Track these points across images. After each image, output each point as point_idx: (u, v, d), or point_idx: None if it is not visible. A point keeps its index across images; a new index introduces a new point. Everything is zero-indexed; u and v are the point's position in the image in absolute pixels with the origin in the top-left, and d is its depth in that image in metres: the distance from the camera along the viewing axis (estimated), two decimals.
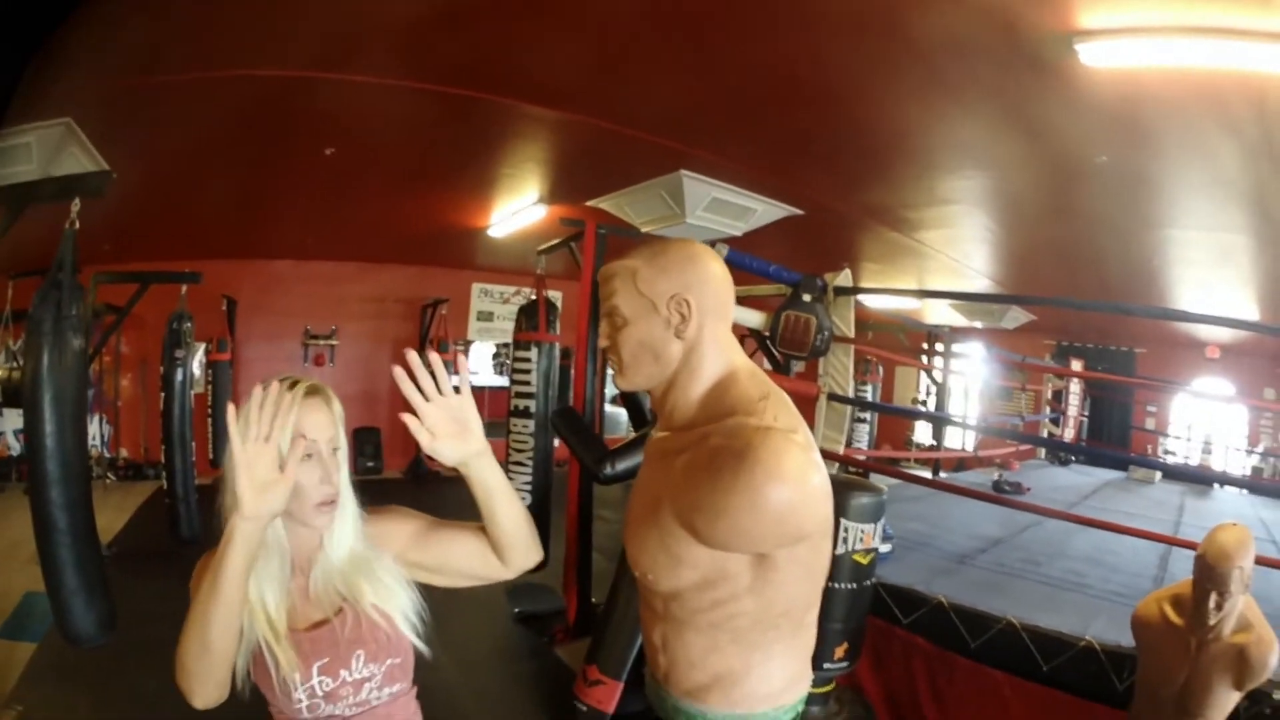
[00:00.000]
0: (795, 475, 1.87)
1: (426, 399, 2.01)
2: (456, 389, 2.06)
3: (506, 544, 2.22)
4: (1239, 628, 3.22)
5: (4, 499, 12.18)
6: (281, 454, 1.95)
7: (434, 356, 2.02)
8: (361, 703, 2.16)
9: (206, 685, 1.93)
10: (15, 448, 13.33)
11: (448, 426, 2.04)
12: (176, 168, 8.43)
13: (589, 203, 8.48)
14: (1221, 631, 3.21)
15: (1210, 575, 3.14)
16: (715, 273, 2.21)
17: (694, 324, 2.15)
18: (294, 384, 2.08)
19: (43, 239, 5.77)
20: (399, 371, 1.98)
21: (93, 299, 5.63)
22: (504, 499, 2.16)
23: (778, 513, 1.88)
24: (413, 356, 1.99)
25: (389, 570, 2.24)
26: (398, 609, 2.21)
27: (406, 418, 1.98)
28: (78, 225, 5.04)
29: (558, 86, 6.28)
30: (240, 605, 1.92)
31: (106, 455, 14.14)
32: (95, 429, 13.48)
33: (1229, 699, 3.25)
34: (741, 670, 2.19)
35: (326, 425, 2.13)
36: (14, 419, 12.92)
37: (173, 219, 10.96)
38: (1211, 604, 3.15)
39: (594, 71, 5.94)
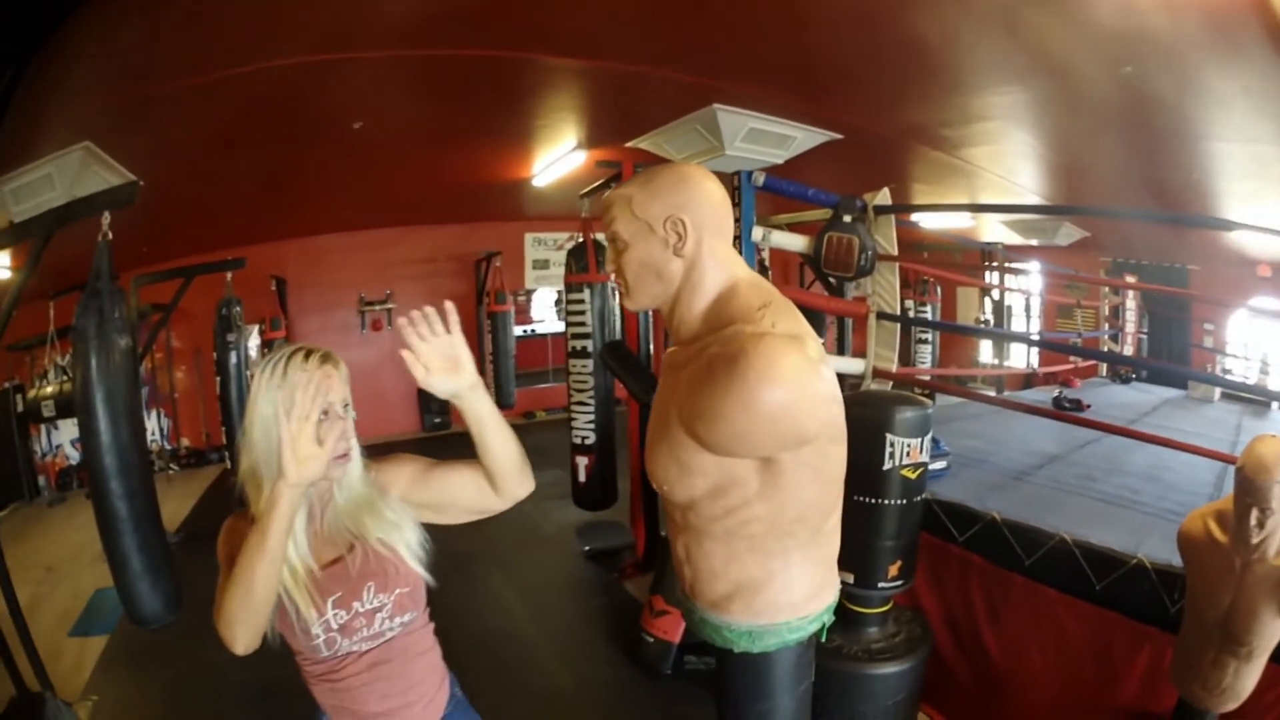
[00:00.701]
0: (789, 377, 1.93)
1: (423, 339, 2.14)
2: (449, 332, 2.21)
3: (499, 473, 2.34)
4: None
5: (67, 506, 12.62)
6: (319, 429, 2.17)
7: (428, 309, 2.16)
8: (375, 634, 2.31)
9: (249, 632, 2.12)
10: (74, 457, 13.68)
11: (441, 363, 2.19)
12: (203, 163, 8.58)
13: (627, 144, 8.47)
14: (1266, 552, 3.09)
15: (1250, 489, 3.03)
16: (709, 190, 2.29)
17: (691, 241, 2.24)
18: (308, 354, 2.26)
19: (79, 256, 5.86)
20: (401, 320, 2.15)
21: (135, 301, 5.73)
22: (495, 429, 2.29)
23: (771, 414, 1.94)
24: (414, 312, 2.17)
25: (393, 508, 2.39)
26: (402, 541, 2.37)
27: (404, 353, 2.12)
28: (110, 236, 5.12)
29: (580, 35, 6.26)
30: (282, 560, 2.11)
31: (167, 447, 14.53)
32: (154, 424, 13.94)
33: (1275, 627, 3.14)
34: (762, 578, 2.29)
35: (338, 387, 2.31)
36: (69, 430, 13.30)
37: (207, 212, 11.18)
38: (1253, 521, 3.04)
39: (615, 16, 5.90)
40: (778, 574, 2.30)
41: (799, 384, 1.96)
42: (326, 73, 6.41)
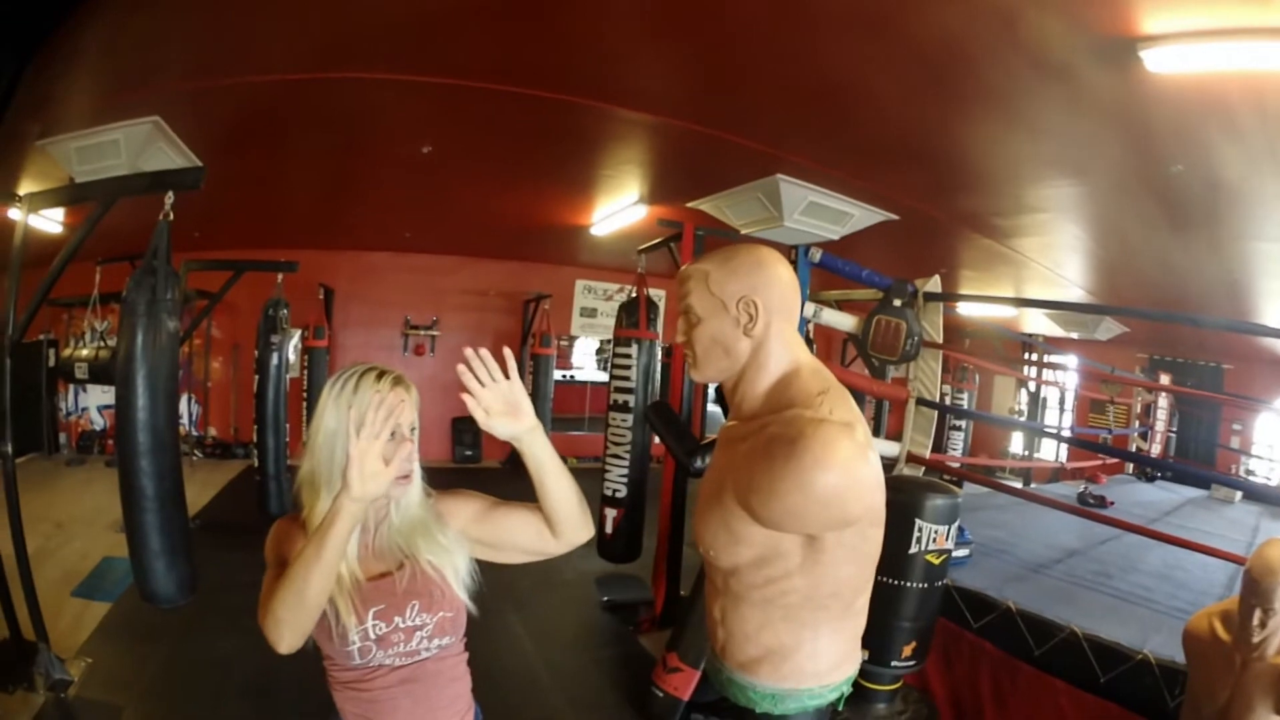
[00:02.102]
0: (842, 463, 2.05)
1: (482, 384, 2.24)
2: (507, 376, 2.28)
3: (557, 517, 2.44)
4: None
5: (86, 469, 12.84)
6: (385, 450, 2.18)
7: (483, 351, 2.25)
8: (411, 652, 2.38)
9: (295, 634, 2.15)
10: (98, 422, 14.09)
11: (500, 406, 2.27)
12: (267, 161, 8.75)
13: (689, 204, 8.58)
14: (1266, 651, 3.10)
15: (1255, 590, 3.06)
16: (781, 276, 2.42)
17: (761, 323, 2.36)
18: (380, 375, 2.33)
19: (130, 227, 6.01)
20: (460, 367, 2.23)
21: (183, 284, 5.85)
22: (554, 472, 2.38)
23: (824, 497, 2.06)
24: (469, 352, 2.25)
25: (447, 534, 2.47)
26: (451, 567, 2.43)
27: (465, 397, 2.21)
28: (172, 216, 5.21)
29: (653, 91, 6.40)
30: (335, 569, 2.15)
31: (194, 434, 14.70)
32: (184, 408, 14.03)
33: None
34: (792, 645, 2.40)
35: (408, 412, 2.35)
36: (97, 395, 13.73)
37: (265, 210, 11.41)
38: (1255, 620, 3.06)
39: (688, 77, 6.05)
40: (806, 643, 2.41)
41: (850, 470, 2.07)
42: (402, 91, 6.54)
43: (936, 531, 4.86)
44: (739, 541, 2.32)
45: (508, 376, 2.28)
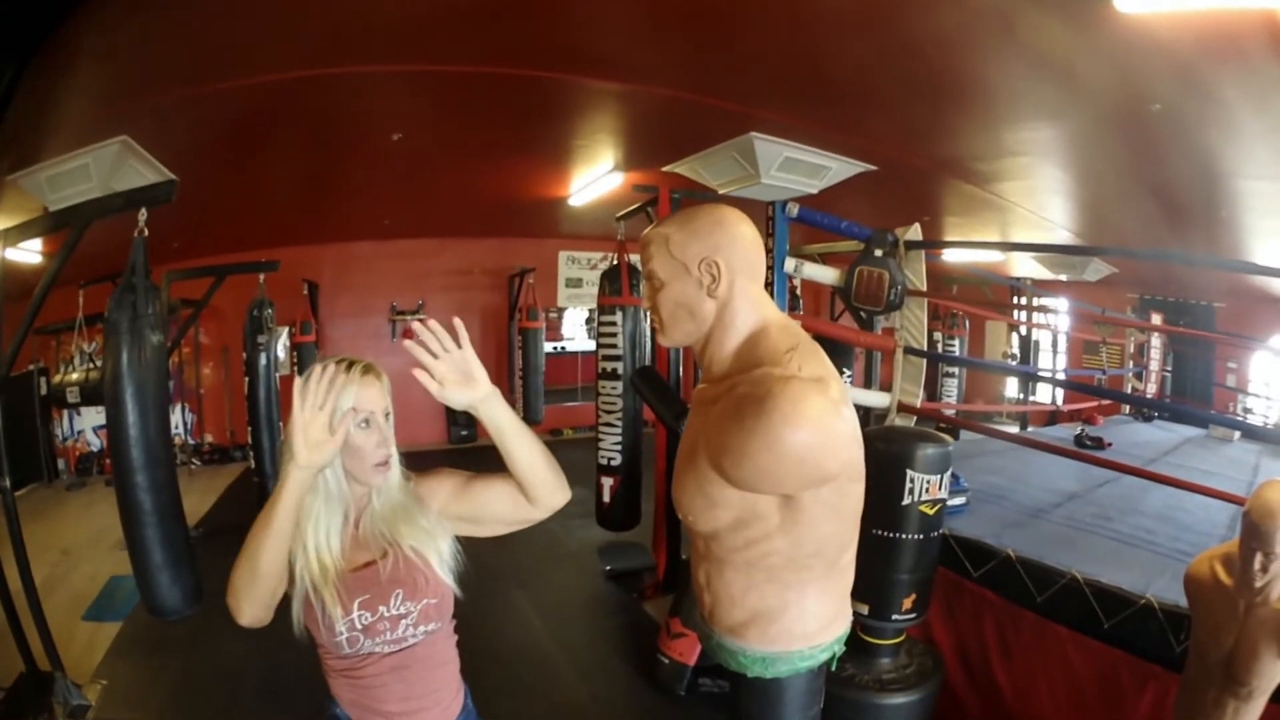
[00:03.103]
0: (813, 420, 2.02)
1: (435, 356, 2.22)
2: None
3: (529, 482, 2.41)
4: None
5: (85, 493, 12.79)
6: (332, 420, 2.23)
7: (432, 323, 2.24)
8: (398, 639, 2.37)
9: (254, 605, 2.22)
10: (95, 444, 13.98)
11: (454, 377, 2.26)
12: (240, 163, 8.74)
13: (664, 168, 8.55)
14: (1270, 595, 3.09)
15: (1255, 533, 3.03)
16: (743, 234, 2.39)
17: (724, 283, 2.34)
18: (350, 365, 2.33)
19: (111, 247, 5.96)
20: (408, 342, 2.21)
21: (166, 296, 5.81)
22: (517, 437, 2.36)
23: (796, 454, 2.03)
24: (416, 325, 2.25)
25: (429, 518, 2.46)
26: (435, 552, 2.43)
27: (417, 372, 2.19)
28: (146, 232, 5.21)
29: (621, 60, 6.36)
30: (288, 539, 2.21)
31: (191, 442, 14.73)
32: (178, 417, 14.03)
33: (1276, 668, 3.12)
34: (778, 608, 2.38)
35: (379, 398, 2.38)
36: (92, 417, 13.57)
37: (242, 212, 11.42)
38: (1257, 564, 3.04)
39: (656, 42, 6.00)
40: (793, 604, 2.39)
41: (822, 427, 2.05)
42: (367, 83, 6.55)
43: (929, 481, 4.78)
44: (715, 505, 2.29)
45: (459, 345, 2.26)
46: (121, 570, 7.71)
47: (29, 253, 8.02)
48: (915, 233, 6.89)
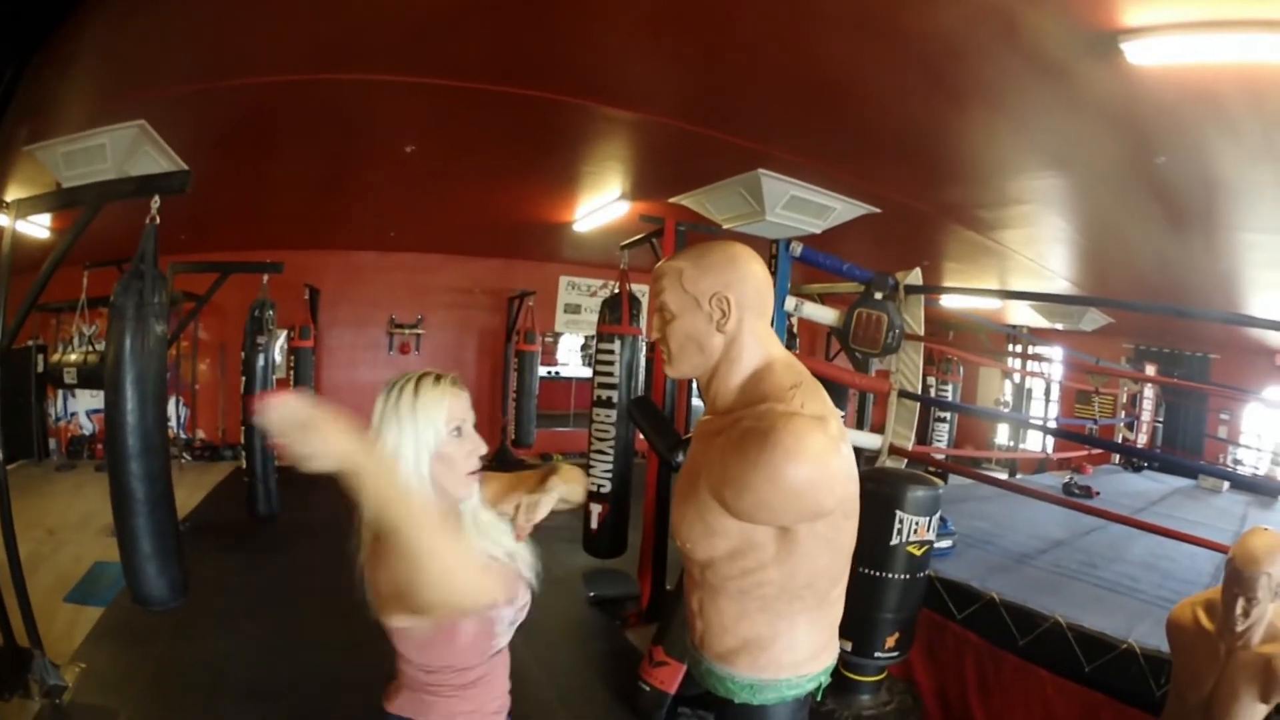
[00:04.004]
0: (814, 456, 2.09)
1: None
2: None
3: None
4: (1267, 637, 3.17)
5: (76, 474, 12.80)
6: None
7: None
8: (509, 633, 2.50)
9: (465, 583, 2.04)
10: (87, 427, 14.06)
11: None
12: (252, 162, 8.77)
13: (671, 199, 8.59)
14: (1250, 640, 3.17)
15: (1238, 580, 3.11)
16: (754, 272, 2.45)
17: (733, 319, 2.39)
18: (437, 378, 2.35)
19: (117, 231, 6.03)
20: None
21: (170, 286, 5.84)
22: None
23: (795, 489, 2.10)
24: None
25: (502, 528, 2.51)
26: (520, 552, 2.52)
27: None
28: (159, 220, 5.20)
29: (635, 89, 6.42)
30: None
31: (183, 436, 14.70)
32: (172, 411, 13.85)
33: (1255, 711, 3.19)
34: (769, 636, 2.44)
35: (468, 408, 2.39)
36: (86, 400, 13.67)
37: (251, 211, 11.40)
38: (1239, 610, 3.12)
39: (671, 75, 6.07)
40: (783, 634, 2.44)
41: (822, 463, 2.12)
42: (384, 92, 6.57)
43: (918, 523, 4.88)
44: (714, 534, 2.35)
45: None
46: (107, 556, 7.70)
47: (37, 226, 8.08)
48: (916, 277, 6.94)
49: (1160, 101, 5.07)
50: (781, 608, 2.41)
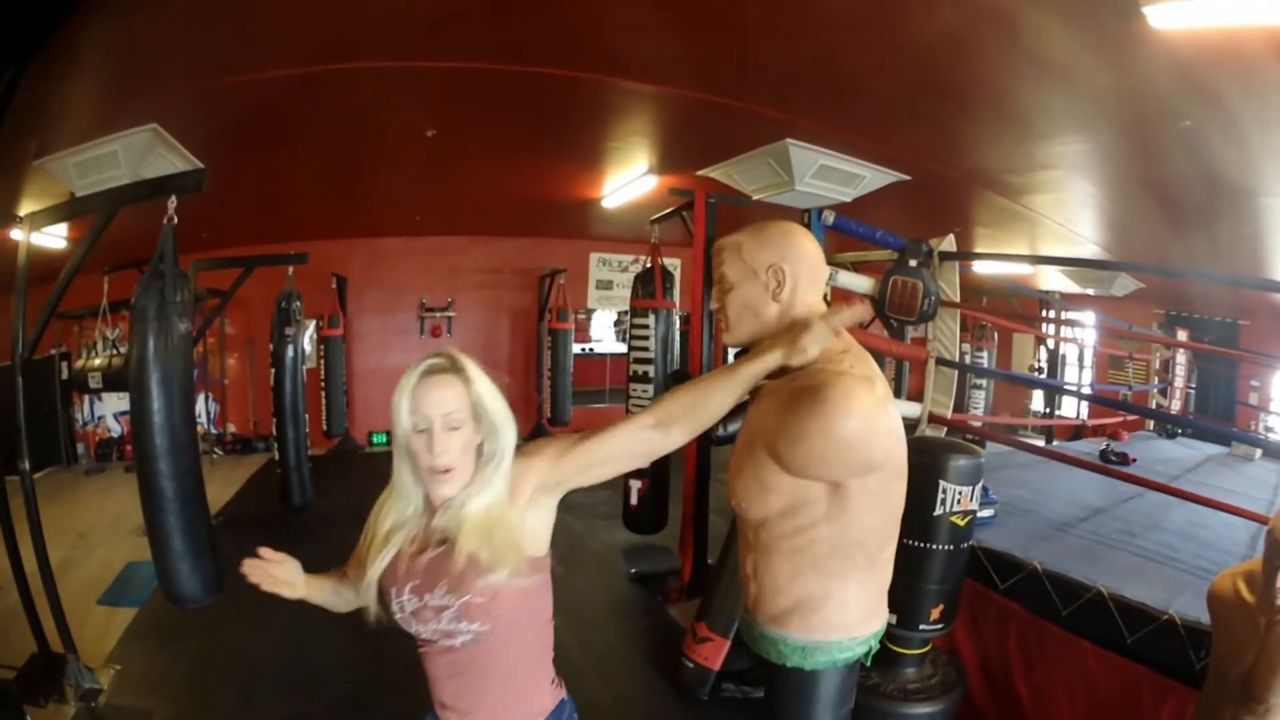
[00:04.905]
0: (861, 411, 2.26)
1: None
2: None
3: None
4: None
5: (105, 477, 12.92)
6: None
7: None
8: (445, 632, 2.33)
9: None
10: (115, 429, 14.16)
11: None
12: (272, 156, 8.79)
13: (698, 172, 8.57)
14: None
15: (1278, 550, 3.00)
16: (807, 247, 2.65)
17: (788, 288, 2.59)
18: (428, 371, 2.34)
19: (137, 234, 6.02)
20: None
21: (193, 285, 5.84)
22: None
23: (845, 440, 2.26)
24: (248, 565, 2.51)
25: (506, 536, 2.32)
26: (497, 567, 2.28)
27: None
28: (176, 220, 5.21)
29: (659, 62, 6.38)
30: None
31: (213, 431, 14.79)
32: (202, 407, 14.15)
33: None
34: (821, 596, 2.55)
35: (440, 403, 2.29)
36: (113, 403, 13.80)
37: (273, 205, 11.43)
38: (1279, 582, 3.02)
39: (694, 46, 6.03)
40: (835, 594, 2.55)
41: (870, 418, 2.29)
42: (400, 79, 6.58)
43: (961, 492, 4.83)
44: (768, 490, 2.49)
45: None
46: (138, 556, 7.75)
47: (53, 238, 8.14)
48: (949, 244, 6.91)
49: (1185, 65, 5.03)
50: (834, 566, 2.53)
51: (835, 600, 2.56)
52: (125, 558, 8.47)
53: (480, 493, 2.33)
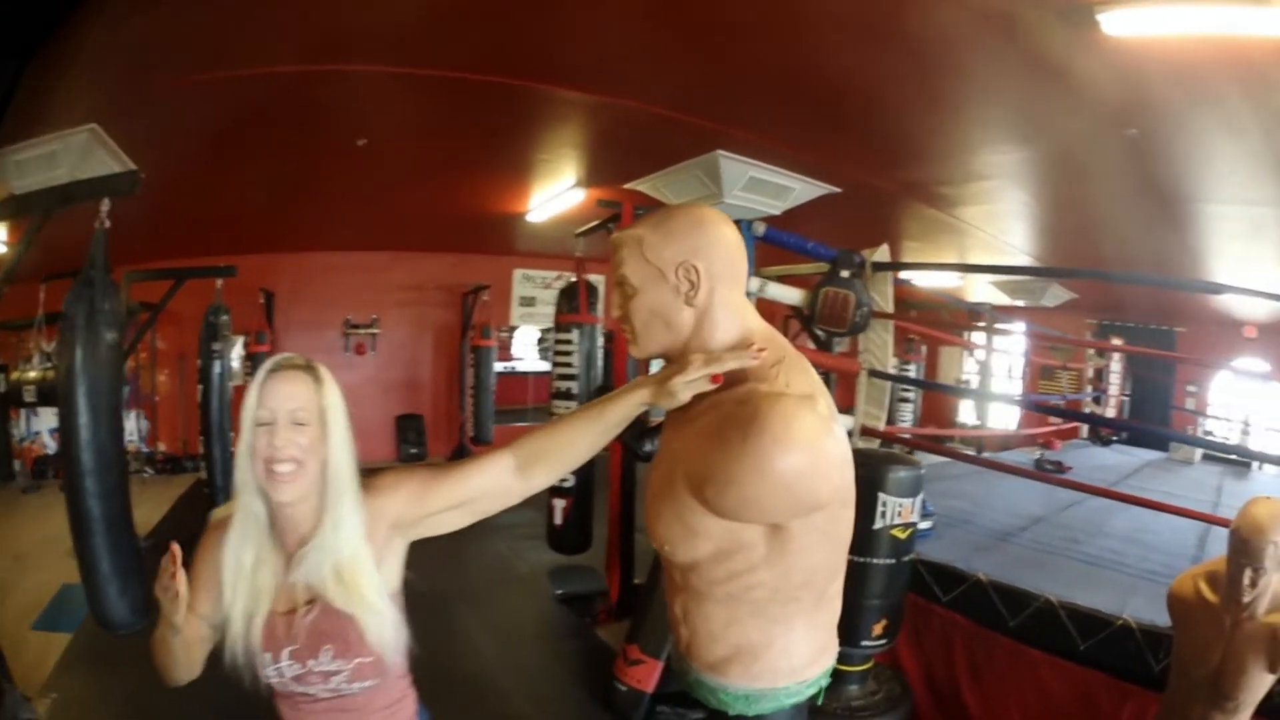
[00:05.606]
0: (805, 442, 1.86)
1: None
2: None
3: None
4: (1274, 607, 3.17)
5: (40, 496, 12.45)
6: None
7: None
8: (333, 690, 2.19)
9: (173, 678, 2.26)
10: (51, 446, 13.63)
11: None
12: (205, 164, 8.53)
13: (626, 185, 8.51)
14: (1256, 610, 3.17)
15: (1245, 549, 3.11)
16: (725, 236, 2.18)
17: (704, 290, 2.13)
18: (275, 365, 2.17)
19: (77, 242, 5.85)
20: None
21: (126, 296, 5.68)
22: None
23: (786, 481, 1.86)
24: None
25: (374, 586, 2.18)
26: (373, 620, 2.16)
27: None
28: (108, 224, 5.07)
29: (591, 69, 6.31)
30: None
31: (144, 450, 14.38)
32: (132, 424, 13.78)
33: (1263, 681, 3.21)
34: (762, 643, 2.18)
35: (288, 397, 2.12)
36: (49, 419, 13.21)
37: (205, 216, 11.14)
38: (1246, 580, 3.11)
39: (627, 53, 5.95)
40: (778, 639, 2.19)
41: (814, 449, 1.89)
42: (330, 83, 6.44)
43: (901, 505, 4.76)
44: (695, 535, 2.08)
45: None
46: (75, 578, 7.59)
47: None
48: (883, 254, 6.90)
49: (1133, 73, 5.05)
50: (776, 611, 2.16)
51: (779, 645, 2.20)
52: (62, 579, 8.20)
53: (335, 534, 2.14)
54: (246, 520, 2.17)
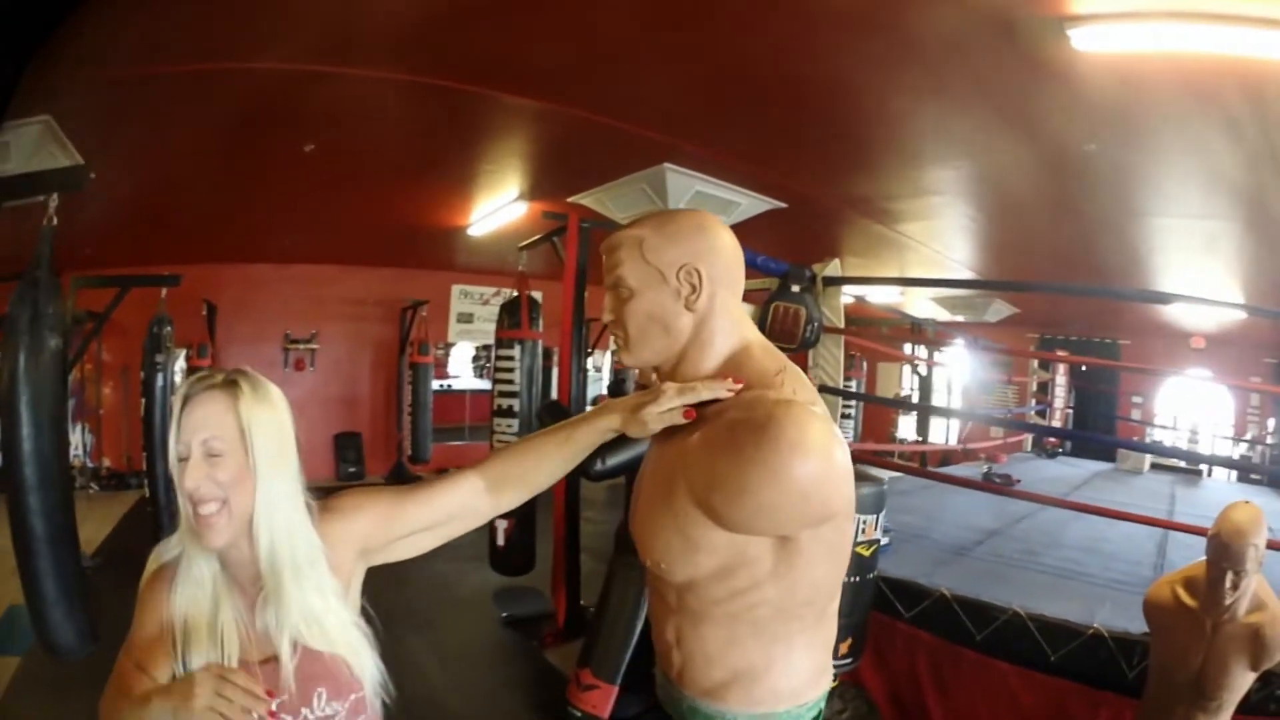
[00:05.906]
0: (820, 448, 1.79)
1: None
2: None
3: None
4: (1253, 607, 3.34)
5: None
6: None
7: None
8: None
9: None
10: None
11: None
12: (152, 168, 8.28)
13: (570, 199, 8.44)
14: (1236, 612, 3.31)
15: (1226, 553, 3.23)
16: (726, 242, 2.13)
17: (705, 294, 2.06)
18: (196, 381, 1.92)
19: (22, 244, 5.70)
20: None
21: (72, 303, 5.52)
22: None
23: (802, 488, 1.79)
24: None
25: (349, 620, 2.02)
26: (358, 654, 2.01)
27: None
28: (55, 222, 4.92)
29: (539, 75, 6.21)
30: None
31: (89, 465, 14.07)
32: (78, 438, 13.47)
33: (1244, 680, 3.35)
34: (763, 665, 2.07)
35: (201, 424, 1.87)
36: None
37: (152, 222, 10.86)
38: (1228, 583, 3.24)
39: (576, 60, 5.87)
40: (779, 659, 2.08)
41: (829, 456, 1.81)
42: (284, 84, 6.23)
43: (865, 521, 4.69)
44: (697, 550, 1.97)
45: None
46: (20, 598, 7.42)
47: None
48: (834, 269, 6.92)
49: (1100, 88, 5.06)
50: (778, 629, 2.05)
51: (780, 666, 2.08)
52: (6, 599, 7.89)
53: (295, 581, 1.91)
54: (192, 562, 1.94)
